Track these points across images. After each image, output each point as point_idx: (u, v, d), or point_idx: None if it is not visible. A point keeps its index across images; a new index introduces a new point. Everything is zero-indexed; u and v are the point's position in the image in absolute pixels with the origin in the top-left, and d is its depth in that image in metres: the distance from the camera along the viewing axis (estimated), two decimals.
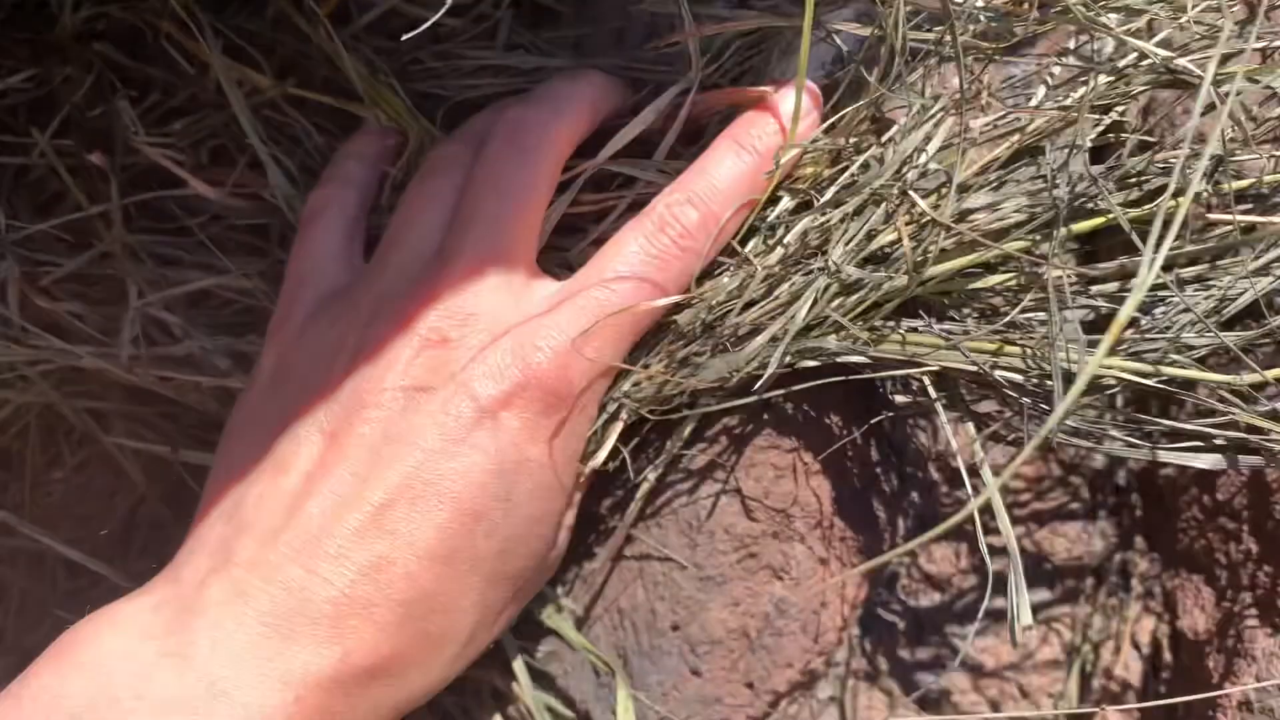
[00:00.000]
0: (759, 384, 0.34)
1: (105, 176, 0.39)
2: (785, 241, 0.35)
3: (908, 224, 0.34)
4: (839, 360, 0.35)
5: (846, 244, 0.35)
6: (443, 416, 0.30)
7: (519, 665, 0.38)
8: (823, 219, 0.35)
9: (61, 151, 0.40)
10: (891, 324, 0.35)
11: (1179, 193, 0.32)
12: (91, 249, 0.39)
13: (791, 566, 0.40)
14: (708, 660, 0.39)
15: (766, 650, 0.40)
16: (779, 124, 0.35)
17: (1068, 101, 0.37)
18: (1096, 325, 0.37)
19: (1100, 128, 0.37)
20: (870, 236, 0.35)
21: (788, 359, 0.35)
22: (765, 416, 0.39)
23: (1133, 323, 0.34)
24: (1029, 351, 0.34)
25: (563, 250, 0.37)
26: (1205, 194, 0.35)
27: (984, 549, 0.33)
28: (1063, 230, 0.34)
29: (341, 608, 0.28)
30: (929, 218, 0.34)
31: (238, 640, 0.28)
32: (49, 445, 0.42)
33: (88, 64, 0.40)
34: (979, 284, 0.36)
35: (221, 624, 0.28)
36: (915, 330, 0.35)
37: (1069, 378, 0.31)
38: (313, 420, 0.31)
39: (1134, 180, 0.35)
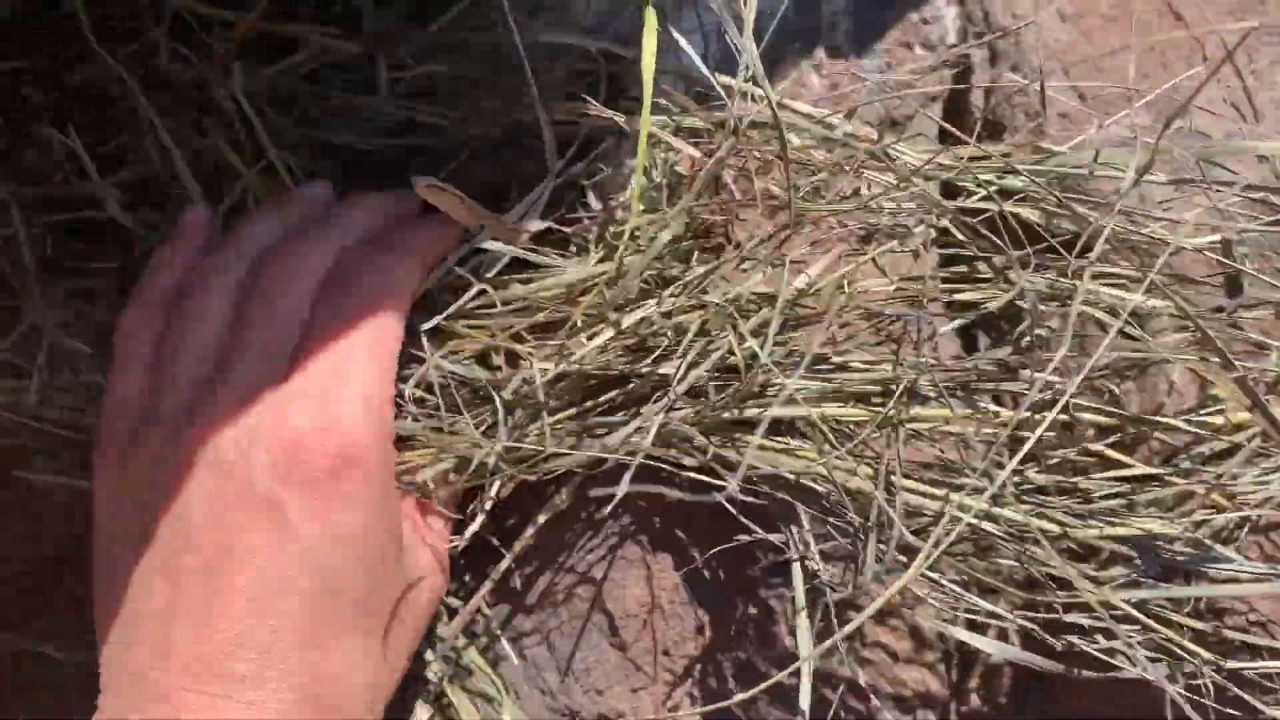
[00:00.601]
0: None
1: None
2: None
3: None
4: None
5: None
6: (247, 527, 0.33)
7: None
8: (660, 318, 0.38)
9: None
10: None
11: None
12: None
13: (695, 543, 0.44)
14: (625, 633, 0.43)
15: (679, 618, 0.43)
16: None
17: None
18: None
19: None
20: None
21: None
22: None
23: None
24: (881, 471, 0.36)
25: None
26: None
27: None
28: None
29: (247, 711, 0.32)
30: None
31: None
32: None
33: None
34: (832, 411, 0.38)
35: None
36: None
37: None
38: (149, 561, 0.34)
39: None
